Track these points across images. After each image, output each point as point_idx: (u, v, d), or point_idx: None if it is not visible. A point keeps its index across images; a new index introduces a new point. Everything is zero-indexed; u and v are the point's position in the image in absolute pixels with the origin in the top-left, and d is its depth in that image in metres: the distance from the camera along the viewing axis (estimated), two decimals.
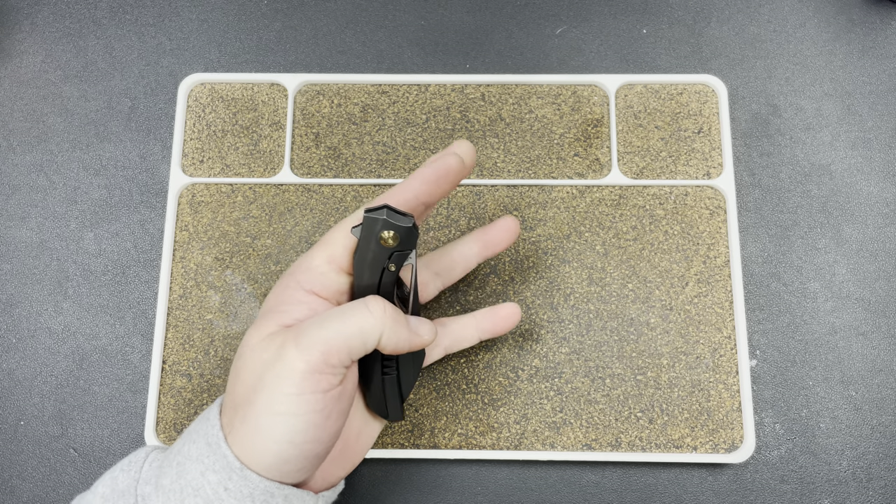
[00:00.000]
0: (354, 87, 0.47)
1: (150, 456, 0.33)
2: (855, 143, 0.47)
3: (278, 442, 0.29)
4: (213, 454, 0.30)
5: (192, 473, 0.30)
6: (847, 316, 0.44)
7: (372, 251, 0.31)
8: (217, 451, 0.30)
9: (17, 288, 0.45)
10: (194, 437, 0.31)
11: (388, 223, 0.31)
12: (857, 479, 0.42)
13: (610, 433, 0.42)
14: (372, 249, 0.31)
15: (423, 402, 0.43)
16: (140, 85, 0.48)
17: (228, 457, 0.30)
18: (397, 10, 0.50)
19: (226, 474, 0.29)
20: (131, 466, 0.32)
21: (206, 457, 0.30)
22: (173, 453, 0.31)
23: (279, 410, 0.29)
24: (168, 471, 0.31)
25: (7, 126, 0.48)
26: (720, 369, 0.43)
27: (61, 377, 0.44)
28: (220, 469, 0.30)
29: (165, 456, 0.32)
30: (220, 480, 0.29)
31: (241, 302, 0.44)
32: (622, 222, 0.45)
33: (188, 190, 0.46)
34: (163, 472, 0.31)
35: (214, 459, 0.30)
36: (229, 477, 0.29)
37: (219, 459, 0.30)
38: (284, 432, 0.29)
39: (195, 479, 0.30)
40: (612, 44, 0.49)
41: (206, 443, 0.30)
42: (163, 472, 0.31)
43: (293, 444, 0.29)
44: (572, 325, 0.43)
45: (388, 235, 0.31)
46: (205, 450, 0.30)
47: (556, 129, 0.47)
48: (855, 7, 0.49)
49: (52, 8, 0.50)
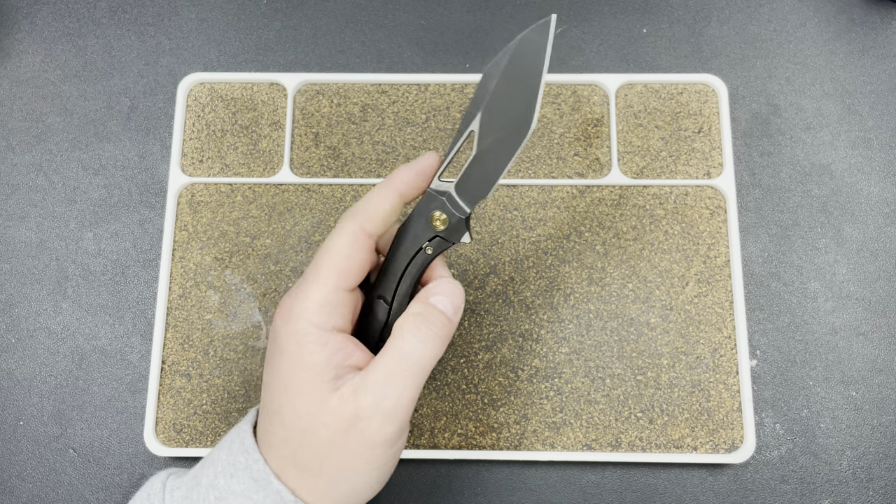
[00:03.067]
0: (354, 87, 0.47)
1: (168, 485, 0.32)
2: (855, 142, 0.47)
3: (360, 492, 0.30)
4: (261, 490, 0.29)
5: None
6: (847, 316, 0.44)
7: (420, 227, 0.32)
8: (268, 487, 0.29)
9: (17, 288, 0.45)
10: (231, 471, 0.30)
11: (445, 205, 0.32)
12: (857, 479, 0.42)
13: (610, 433, 0.42)
14: (421, 225, 0.32)
15: (423, 402, 0.42)
16: (139, 85, 0.48)
17: (282, 492, 0.29)
18: (397, 10, 0.50)
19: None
20: (151, 500, 0.31)
21: (255, 492, 0.29)
22: (204, 486, 0.30)
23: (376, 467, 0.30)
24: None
25: (6, 126, 0.48)
26: (720, 369, 0.43)
27: (60, 377, 0.44)
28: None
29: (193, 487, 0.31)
30: None
31: (241, 302, 0.44)
32: (622, 222, 0.45)
33: (187, 190, 0.46)
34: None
35: (265, 495, 0.29)
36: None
37: (270, 495, 0.29)
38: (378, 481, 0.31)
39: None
40: (612, 43, 0.49)
41: (252, 478, 0.30)
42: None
43: (372, 490, 0.31)
44: (572, 325, 0.43)
45: (438, 216, 0.32)
46: (251, 485, 0.29)
47: (556, 129, 0.47)
48: (855, 7, 0.49)
49: (51, 8, 0.50)
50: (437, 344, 0.30)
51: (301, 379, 0.29)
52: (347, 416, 0.29)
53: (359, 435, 0.29)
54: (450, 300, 0.31)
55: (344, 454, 0.29)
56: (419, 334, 0.30)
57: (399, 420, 0.29)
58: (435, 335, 0.30)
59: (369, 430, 0.29)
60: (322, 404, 0.29)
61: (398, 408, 0.29)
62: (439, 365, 0.43)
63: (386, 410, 0.29)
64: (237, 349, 0.43)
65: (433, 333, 0.30)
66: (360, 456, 0.29)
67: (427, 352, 0.29)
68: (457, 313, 0.31)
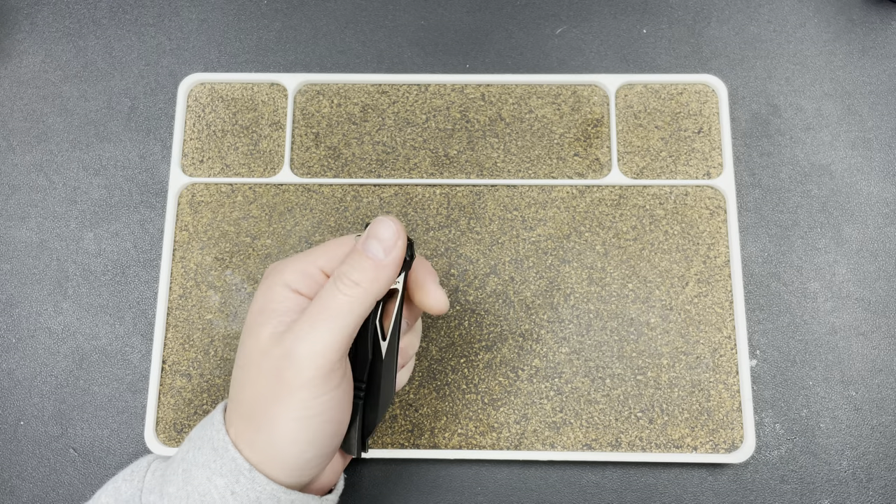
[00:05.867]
0: (354, 87, 0.47)
1: (153, 465, 0.33)
2: (855, 143, 0.47)
3: (298, 443, 0.30)
4: (219, 458, 0.30)
5: (199, 479, 0.30)
6: (847, 316, 0.44)
7: None
8: (224, 455, 0.30)
9: (17, 288, 0.45)
10: (198, 444, 0.31)
11: None
12: (857, 479, 0.42)
13: (610, 433, 0.42)
14: None
15: (423, 402, 0.43)
16: (140, 85, 0.48)
17: (237, 459, 0.30)
18: (397, 10, 0.50)
19: (233, 477, 0.30)
20: (133, 476, 0.32)
21: (213, 461, 0.30)
22: (177, 461, 0.31)
23: (297, 416, 0.30)
24: (173, 478, 0.31)
25: (7, 126, 0.48)
26: (720, 369, 0.43)
27: (61, 377, 0.44)
28: (227, 473, 0.30)
29: (168, 464, 0.32)
30: (227, 484, 0.29)
31: (241, 302, 0.44)
32: (622, 222, 0.45)
33: (188, 190, 0.46)
34: (167, 479, 0.31)
35: (222, 464, 0.30)
36: (237, 480, 0.30)
37: (226, 463, 0.30)
38: (305, 434, 0.30)
39: (201, 485, 0.30)
40: (612, 44, 0.49)
41: (212, 448, 0.30)
42: (167, 480, 0.31)
43: (312, 444, 0.30)
44: (572, 325, 0.43)
45: None
46: (211, 455, 0.30)
47: (556, 129, 0.47)
48: (855, 7, 0.49)
49: (51, 8, 0.50)
50: (358, 291, 0.30)
51: (256, 321, 0.31)
52: (273, 357, 0.30)
53: (279, 377, 0.29)
54: (378, 241, 0.31)
55: (267, 397, 0.30)
56: (338, 282, 0.30)
57: (316, 366, 0.29)
58: (355, 282, 0.30)
59: (287, 374, 0.29)
60: (260, 345, 0.30)
61: (315, 353, 0.29)
62: (439, 365, 0.43)
63: (303, 354, 0.29)
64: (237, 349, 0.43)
65: (353, 280, 0.30)
66: (280, 401, 0.29)
67: (345, 299, 0.30)
68: (389, 253, 0.31)
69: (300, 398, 0.29)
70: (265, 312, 0.31)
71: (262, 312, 0.31)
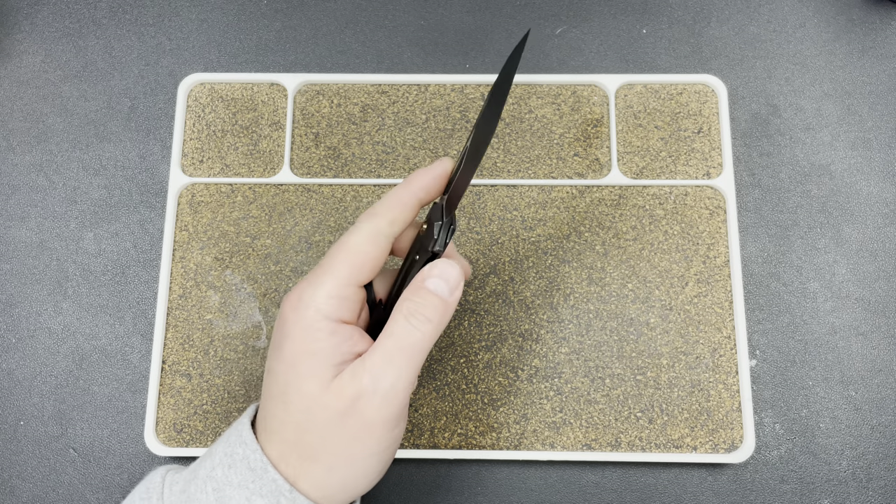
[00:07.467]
0: (354, 87, 0.47)
1: (167, 479, 0.32)
2: (855, 143, 0.47)
3: (369, 476, 0.31)
4: (258, 479, 0.30)
5: (236, 499, 0.29)
6: (847, 316, 0.44)
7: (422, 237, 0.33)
8: (264, 476, 0.30)
9: (17, 288, 0.45)
10: (228, 461, 0.30)
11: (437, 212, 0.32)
12: (856, 479, 0.42)
13: (610, 433, 0.42)
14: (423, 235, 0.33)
15: (423, 402, 0.43)
16: (140, 85, 0.48)
17: (278, 481, 0.29)
18: (397, 10, 0.50)
19: (274, 499, 0.29)
20: (150, 493, 0.31)
21: (251, 482, 0.30)
22: (201, 478, 0.30)
23: (374, 451, 0.30)
24: (201, 496, 0.30)
25: (7, 126, 0.48)
26: (720, 369, 0.43)
27: (61, 377, 0.44)
28: (267, 493, 0.29)
29: (190, 481, 0.31)
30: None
31: (241, 302, 0.44)
32: (622, 222, 0.45)
33: (188, 190, 0.46)
34: (193, 498, 0.30)
35: (261, 484, 0.29)
36: (277, 501, 0.29)
37: (266, 484, 0.29)
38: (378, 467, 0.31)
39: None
40: (612, 44, 0.49)
41: (249, 468, 0.30)
42: (193, 498, 0.30)
43: (368, 480, 0.31)
44: (572, 325, 0.43)
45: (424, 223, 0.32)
46: (248, 475, 0.30)
47: (556, 129, 0.47)
48: (855, 7, 0.49)
49: (51, 8, 0.50)
50: (430, 327, 0.30)
51: (306, 363, 0.30)
52: (346, 397, 0.29)
53: (357, 417, 0.29)
54: (445, 281, 0.31)
55: (342, 437, 0.29)
56: (412, 319, 0.30)
57: (396, 402, 0.29)
58: (428, 318, 0.30)
59: (367, 411, 0.29)
60: (323, 386, 0.30)
61: (395, 389, 0.29)
62: (439, 365, 0.43)
63: (384, 391, 0.29)
64: (237, 349, 0.43)
65: (426, 317, 0.30)
66: (358, 439, 0.29)
67: (420, 335, 0.30)
68: (453, 293, 0.31)
69: (378, 435, 0.30)
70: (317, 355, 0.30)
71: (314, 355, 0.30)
